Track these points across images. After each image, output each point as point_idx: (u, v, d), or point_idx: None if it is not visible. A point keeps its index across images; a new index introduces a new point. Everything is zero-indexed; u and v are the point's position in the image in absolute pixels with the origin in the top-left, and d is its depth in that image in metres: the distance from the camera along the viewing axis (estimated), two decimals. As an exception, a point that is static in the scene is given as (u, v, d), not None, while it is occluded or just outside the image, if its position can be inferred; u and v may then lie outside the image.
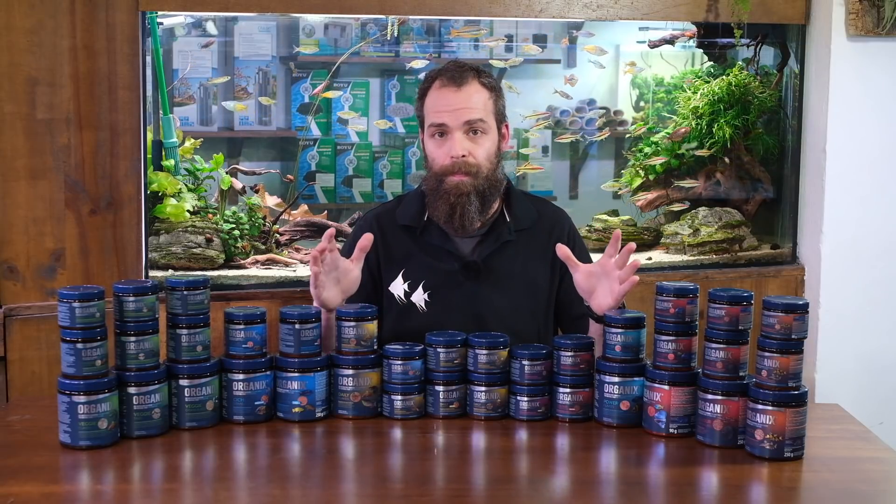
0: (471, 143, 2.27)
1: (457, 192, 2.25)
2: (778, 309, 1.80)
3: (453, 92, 2.27)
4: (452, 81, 2.28)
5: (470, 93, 2.27)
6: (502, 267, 2.32)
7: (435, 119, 2.28)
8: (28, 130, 2.58)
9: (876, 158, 3.18)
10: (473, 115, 2.26)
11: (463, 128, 2.26)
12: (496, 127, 2.32)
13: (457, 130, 2.26)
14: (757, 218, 3.44)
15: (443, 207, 2.27)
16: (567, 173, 4.03)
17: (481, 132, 2.28)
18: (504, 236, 2.33)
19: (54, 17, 2.57)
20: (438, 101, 2.29)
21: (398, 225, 2.36)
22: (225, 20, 3.58)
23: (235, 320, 1.96)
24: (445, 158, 2.27)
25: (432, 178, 2.30)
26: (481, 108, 2.28)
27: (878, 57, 3.13)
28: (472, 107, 2.27)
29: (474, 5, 2.91)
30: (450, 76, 2.29)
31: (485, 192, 2.28)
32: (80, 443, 1.83)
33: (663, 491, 1.74)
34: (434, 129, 2.29)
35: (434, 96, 2.30)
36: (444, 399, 2.00)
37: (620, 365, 1.95)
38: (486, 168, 2.28)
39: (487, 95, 2.30)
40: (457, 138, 2.26)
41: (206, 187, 3.08)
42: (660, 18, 3.10)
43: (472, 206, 2.26)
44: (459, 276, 2.30)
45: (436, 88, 2.30)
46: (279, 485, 1.70)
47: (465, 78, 2.28)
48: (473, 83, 2.29)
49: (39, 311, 2.60)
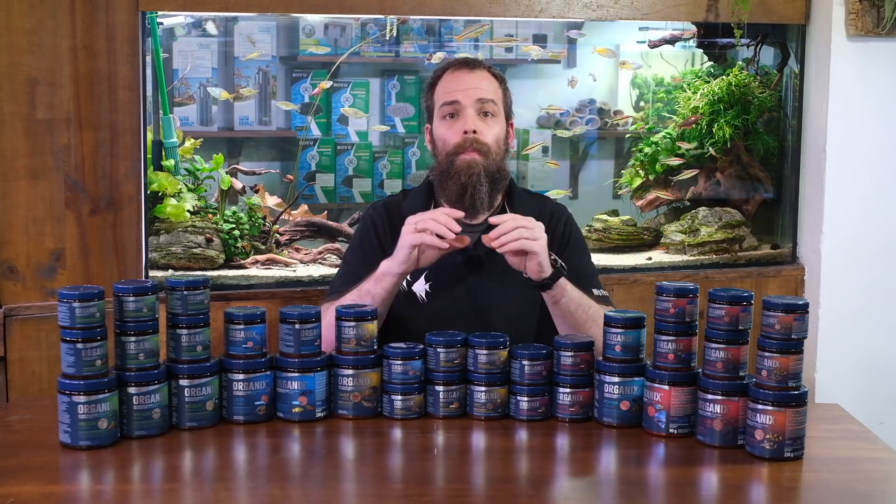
0: (482, 122, 2.34)
1: (468, 172, 2.28)
2: (778, 309, 1.80)
3: (466, 73, 2.37)
4: (465, 66, 2.40)
5: (482, 76, 2.38)
6: (503, 260, 2.33)
7: (447, 98, 2.35)
8: (28, 130, 2.58)
9: (876, 158, 3.18)
10: (486, 95, 2.35)
11: (475, 106, 2.33)
12: (504, 117, 2.39)
13: (469, 108, 2.33)
14: (757, 218, 3.44)
15: (454, 187, 2.30)
16: (567, 173, 4.03)
17: (492, 115, 2.35)
18: None
19: (54, 17, 2.57)
20: (451, 84, 2.37)
21: (404, 216, 2.37)
22: (225, 20, 3.58)
23: (235, 320, 1.96)
24: (457, 136, 2.32)
25: (443, 161, 2.34)
26: (493, 91, 2.37)
27: (878, 57, 3.13)
28: (485, 87, 2.36)
29: (474, 5, 2.91)
30: (462, 62, 2.42)
31: (494, 175, 2.32)
32: (80, 443, 1.82)
33: (663, 491, 1.74)
34: (446, 110, 2.35)
35: (447, 79, 2.39)
36: (444, 399, 2.00)
37: (620, 365, 1.95)
38: (495, 151, 2.33)
39: (497, 84, 2.40)
40: (469, 115, 2.33)
41: (206, 187, 3.08)
42: (660, 18, 3.10)
43: (482, 188, 2.30)
44: (462, 269, 2.31)
45: (448, 73, 2.40)
46: (279, 485, 1.70)
47: (478, 65, 2.41)
48: (484, 71, 2.40)
49: (39, 311, 2.60)
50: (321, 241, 3.19)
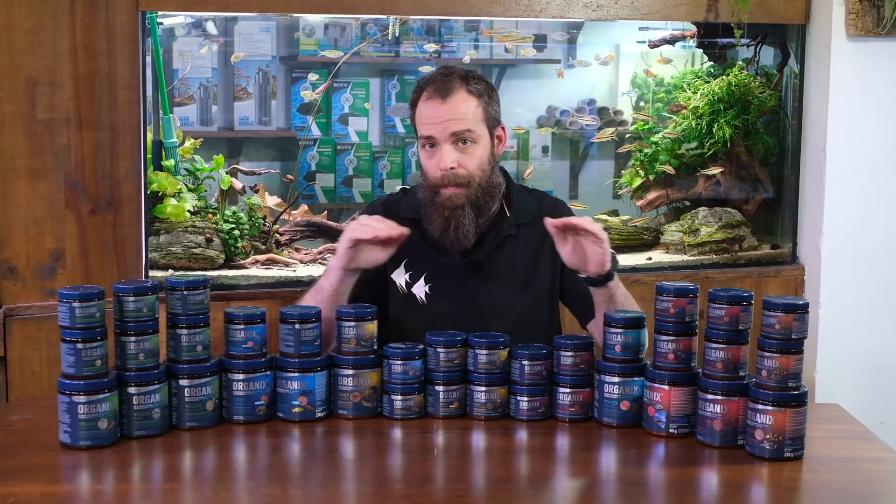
0: (460, 153, 2.25)
1: (451, 205, 2.25)
2: (778, 309, 1.80)
3: (438, 104, 2.25)
4: (437, 94, 2.25)
5: (456, 104, 2.25)
6: (504, 262, 2.33)
7: (423, 132, 2.29)
8: (28, 130, 2.58)
9: (876, 158, 3.18)
10: (460, 127, 2.24)
11: (450, 140, 2.24)
12: (488, 133, 2.30)
13: (445, 143, 2.25)
14: (757, 218, 3.44)
15: (437, 220, 2.28)
16: (567, 173, 4.03)
17: (471, 141, 2.26)
18: (505, 231, 2.34)
19: (54, 17, 2.57)
20: (426, 114, 2.27)
21: (403, 217, 2.36)
22: (225, 20, 3.58)
23: (235, 320, 1.96)
24: (435, 171, 2.27)
25: (427, 190, 2.31)
26: (469, 117, 2.25)
27: (878, 57, 3.13)
28: (459, 118, 2.24)
29: (474, 5, 2.91)
30: (435, 87, 2.26)
31: (479, 201, 2.27)
32: (80, 443, 1.82)
33: (663, 491, 1.74)
34: (424, 141, 2.29)
35: (422, 108, 2.29)
36: (444, 399, 2.00)
37: (620, 365, 1.95)
38: (478, 177, 2.27)
39: (476, 103, 2.27)
40: (445, 150, 2.24)
41: (206, 187, 3.08)
42: (660, 18, 3.10)
43: (466, 220, 2.25)
44: (462, 272, 2.31)
45: (424, 100, 2.28)
46: (279, 485, 1.70)
47: (451, 89, 2.25)
48: (460, 92, 2.26)
49: (39, 311, 2.60)
50: (321, 241, 3.19)
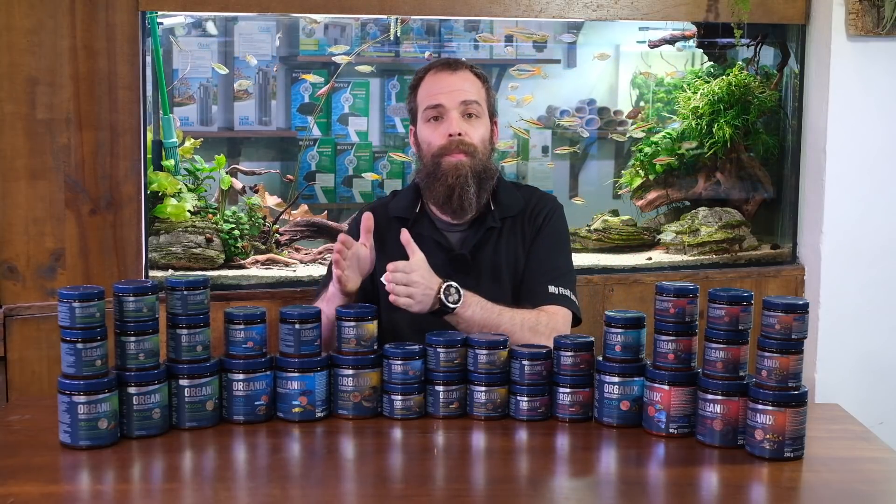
0: (467, 124, 2.33)
1: (455, 173, 2.28)
2: (778, 309, 1.80)
3: (448, 75, 2.35)
4: (447, 67, 2.37)
5: (465, 77, 2.36)
6: (487, 257, 2.34)
7: (431, 101, 2.33)
8: (28, 130, 2.58)
9: (876, 158, 3.18)
10: (469, 96, 2.33)
11: (459, 108, 2.32)
12: (489, 117, 2.38)
13: (453, 110, 2.32)
14: (757, 218, 3.44)
15: (440, 189, 2.29)
16: (567, 173, 4.03)
17: (476, 116, 2.34)
18: (488, 223, 2.35)
19: (54, 17, 2.57)
20: (434, 86, 2.35)
21: (391, 217, 2.37)
22: (225, 20, 3.58)
23: (235, 320, 1.96)
24: (442, 138, 2.31)
25: (428, 163, 2.33)
26: (476, 92, 2.35)
27: (878, 57, 3.13)
28: (468, 89, 2.34)
29: (474, 5, 2.91)
30: (443, 63, 2.39)
31: (481, 175, 2.31)
32: (80, 443, 1.83)
33: (663, 491, 1.74)
34: (430, 113, 2.33)
35: (429, 82, 2.37)
36: (444, 399, 2.00)
37: (620, 365, 1.95)
38: (481, 151, 2.33)
39: (480, 85, 2.38)
40: (453, 117, 2.32)
41: (206, 187, 3.08)
42: (660, 18, 3.10)
43: (470, 189, 2.29)
44: (447, 268, 2.31)
45: (430, 76, 2.37)
46: (279, 485, 1.70)
47: (459, 66, 2.38)
48: (467, 71, 2.38)
49: (39, 311, 2.60)
50: (321, 241, 3.19)
